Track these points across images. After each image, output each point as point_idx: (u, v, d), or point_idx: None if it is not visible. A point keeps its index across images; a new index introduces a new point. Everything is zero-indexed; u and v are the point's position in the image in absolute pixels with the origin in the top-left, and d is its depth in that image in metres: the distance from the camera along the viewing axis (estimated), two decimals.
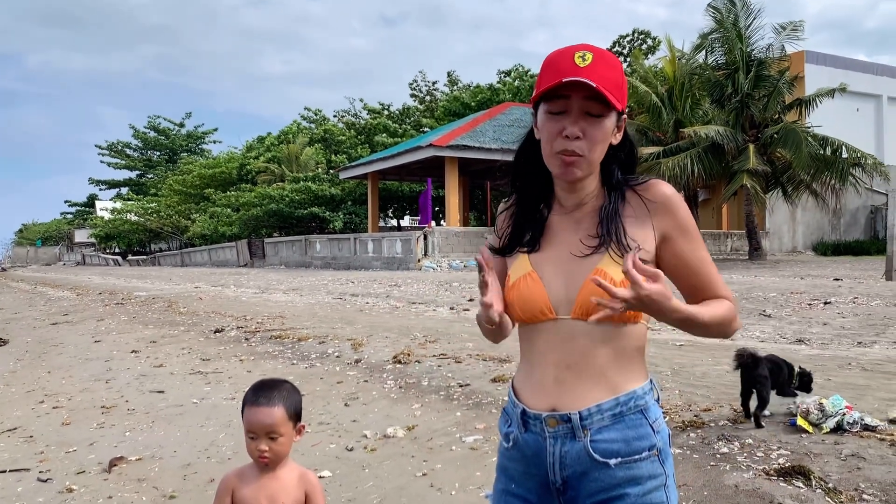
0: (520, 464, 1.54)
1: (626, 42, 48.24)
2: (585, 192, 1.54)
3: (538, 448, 1.49)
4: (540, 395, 1.50)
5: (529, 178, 1.61)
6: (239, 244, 43.02)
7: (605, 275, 1.43)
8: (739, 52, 24.26)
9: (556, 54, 1.47)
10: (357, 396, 6.00)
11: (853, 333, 8.11)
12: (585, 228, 1.52)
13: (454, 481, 3.88)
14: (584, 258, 1.48)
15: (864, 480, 3.49)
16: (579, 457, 1.45)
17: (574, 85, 1.39)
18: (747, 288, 13.04)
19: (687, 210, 1.53)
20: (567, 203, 1.56)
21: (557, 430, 1.46)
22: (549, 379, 1.48)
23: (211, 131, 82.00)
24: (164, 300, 16.53)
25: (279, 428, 1.97)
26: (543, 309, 1.49)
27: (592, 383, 1.46)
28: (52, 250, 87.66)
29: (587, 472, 1.45)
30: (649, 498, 1.44)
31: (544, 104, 1.46)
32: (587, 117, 1.43)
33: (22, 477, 4.29)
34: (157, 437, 5.06)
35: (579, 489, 1.46)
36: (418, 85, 54.73)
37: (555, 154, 1.46)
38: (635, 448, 1.45)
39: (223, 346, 9.08)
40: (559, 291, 1.49)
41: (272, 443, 1.97)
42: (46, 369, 8.12)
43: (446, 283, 17.87)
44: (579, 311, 1.46)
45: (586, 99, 1.42)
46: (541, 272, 1.51)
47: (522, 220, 1.60)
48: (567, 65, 1.41)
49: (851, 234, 36.63)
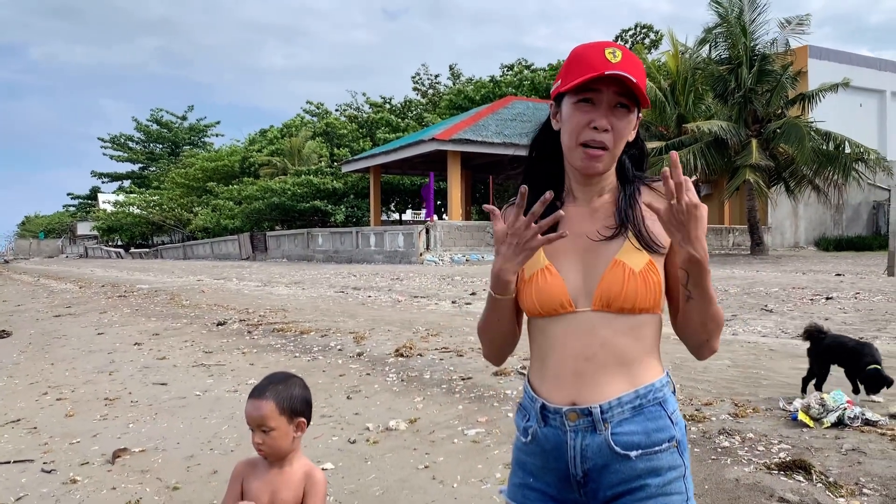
0: (539, 458, 1.53)
1: (628, 36, 48.20)
2: (601, 185, 1.55)
3: (558, 442, 1.49)
4: (559, 388, 1.49)
5: (544, 170, 1.61)
6: (241, 237, 43.04)
7: (622, 265, 1.44)
8: (743, 46, 24.18)
9: (584, 48, 1.48)
10: (359, 389, 6.02)
11: (855, 329, 8.11)
12: (602, 219, 1.53)
13: (456, 474, 3.90)
14: (603, 247, 1.48)
15: (865, 475, 3.51)
16: (600, 450, 1.45)
17: (607, 79, 1.42)
18: (749, 283, 13.04)
19: None
20: (581, 196, 1.56)
21: (578, 424, 1.46)
22: (567, 372, 1.47)
23: (213, 124, 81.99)
24: (166, 293, 16.56)
25: (268, 421, 1.99)
26: (563, 302, 1.48)
27: (612, 376, 1.46)
28: (54, 243, 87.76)
29: (608, 465, 1.45)
30: (669, 488, 1.45)
31: (572, 95, 1.47)
32: (615, 110, 1.45)
33: (26, 468, 4.32)
34: (161, 429, 5.08)
35: (600, 481, 1.46)
36: (421, 78, 54.69)
37: (579, 145, 1.47)
38: (655, 440, 1.46)
39: (226, 339, 9.11)
40: (577, 283, 1.48)
41: (265, 436, 2.00)
42: (50, 361, 8.15)
43: (448, 276, 17.89)
44: (599, 302, 1.45)
45: (617, 94, 1.44)
46: (557, 265, 1.51)
47: None
48: (599, 60, 1.43)
49: (854, 229, 36.58)
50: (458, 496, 3.61)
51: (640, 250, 1.46)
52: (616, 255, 1.46)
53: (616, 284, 1.44)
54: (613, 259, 1.46)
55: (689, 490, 1.49)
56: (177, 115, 79.62)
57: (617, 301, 1.44)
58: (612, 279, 1.44)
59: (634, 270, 1.44)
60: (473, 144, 27.52)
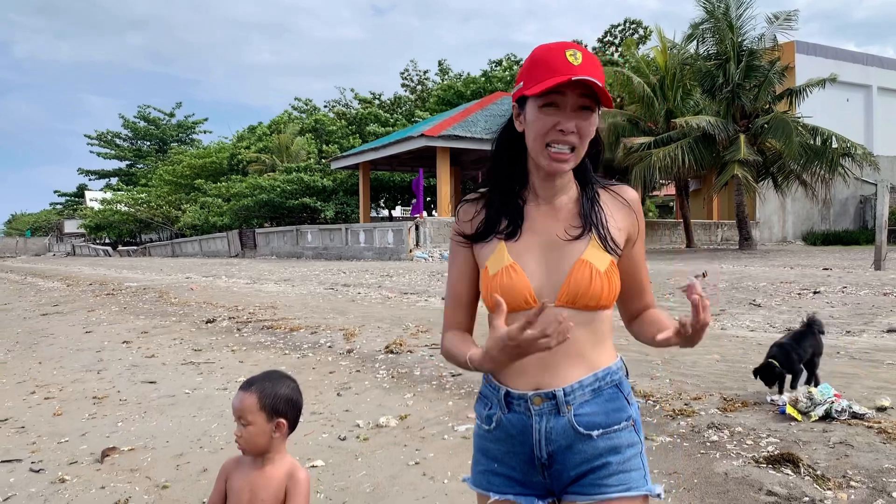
0: (504, 444, 1.60)
1: (617, 32, 48.27)
2: (562, 183, 1.62)
3: (523, 426, 1.56)
4: (523, 376, 1.55)
5: (508, 169, 1.67)
6: (230, 235, 42.86)
7: (588, 265, 1.52)
8: (730, 42, 24.28)
9: (543, 51, 1.51)
10: (349, 386, 6.02)
11: (842, 322, 8.17)
12: (566, 218, 1.60)
13: (446, 470, 3.91)
14: (568, 247, 1.56)
15: (852, 468, 3.53)
16: (564, 431, 1.53)
17: (572, 83, 1.45)
18: (738, 278, 13.10)
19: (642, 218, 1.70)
20: (543, 194, 1.62)
21: (543, 408, 1.54)
22: (531, 361, 1.50)
23: (201, 121, 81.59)
24: (155, 291, 16.47)
25: (247, 415, 1.99)
26: (527, 298, 1.53)
27: (573, 362, 1.54)
28: (41, 241, 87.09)
29: (571, 445, 1.53)
30: (628, 465, 1.55)
31: (536, 99, 1.50)
32: (580, 113, 1.50)
33: (14, 468, 4.29)
34: (150, 428, 5.06)
35: (565, 462, 1.54)
36: (409, 74, 54.60)
37: (545, 147, 1.51)
38: (614, 419, 1.55)
39: (215, 337, 9.08)
40: (542, 280, 1.55)
41: (243, 429, 2.00)
42: (37, 360, 8.09)
43: (438, 273, 17.88)
44: (564, 299, 1.53)
45: (581, 96, 1.48)
46: (522, 262, 1.56)
47: (498, 211, 1.63)
48: (561, 63, 1.46)
49: (841, 223, 36.85)
50: (449, 492, 3.61)
51: (604, 251, 1.55)
52: (582, 255, 1.54)
53: (583, 283, 1.52)
54: (579, 259, 1.54)
55: (646, 465, 1.60)
56: (164, 112, 79.24)
57: (583, 299, 1.52)
58: (580, 278, 1.52)
59: (600, 270, 1.53)
60: (462, 140, 27.54)
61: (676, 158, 23.50)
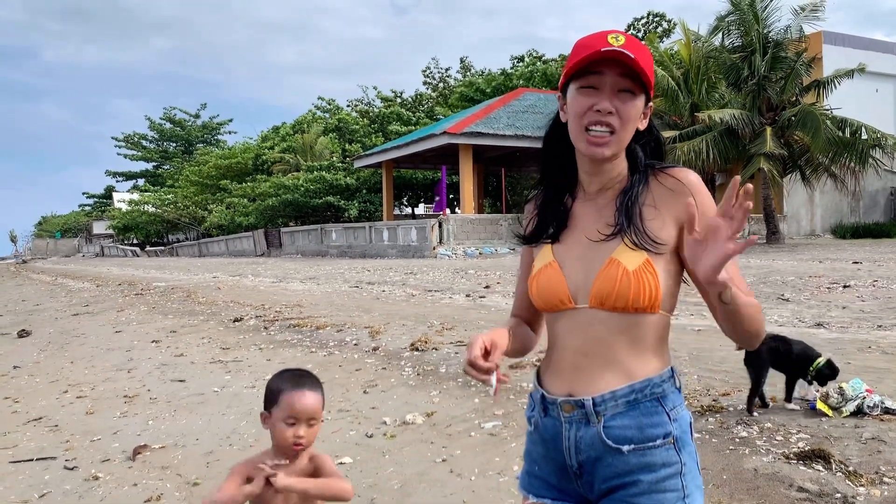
0: (540, 447, 1.56)
1: (640, 25, 47.86)
2: (610, 176, 1.54)
3: (555, 432, 1.51)
4: (558, 380, 1.52)
5: (557, 165, 1.61)
6: (256, 234, 43.24)
7: (616, 264, 1.44)
8: (756, 33, 23.95)
9: (587, 38, 1.47)
10: (376, 384, 6.04)
11: (873, 317, 8.05)
12: (605, 217, 1.52)
13: (473, 467, 3.91)
14: (602, 246, 1.48)
15: (885, 463, 3.48)
16: (593, 442, 1.46)
17: (608, 61, 1.41)
18: (765, 272, 12.95)
19: (710, 198, 1.49)
20: (591, 188, 1.56)
21: (573, 416, 1.48)
22: (566, 365, 1.50)
23: (226, 122, 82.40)
24: (182, 290, 16.67)
25: (319, 413, 1.98)
26: (563, 298, 1.50)
27: (607, 370, 1.46)
28: (70, 242, 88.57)
29: (601, 458, 1.46)
30: (663, 485, 1.43)
31: (576, 82, 1.46)
32: (620, 94, 1.44)
33: (49, 465, 4.37)
34: (180, 426, 5.13)
35: (594, 474, 1.47)
36: (431, 72, 54.62)
37: (584, 130, 1.46)
38: (648, 435, 1.44)
39: (242, 335, 9.16)
40: (578, 281, 1.49)
41: (309, 429, 1.95)
42: (69, 360, 8.24)
43: (462, 270, 17.89)
44: (595, 300, 1.46)
45: (620, 76, 1.43)
46: (562, 262, 1.53)
47: (547, 211, 1.61)
48: (601, 44, 1.41)
49: (871, 216, 36.20)
50: (476, 489, 3.62)
51: (637, 249, 1.44)
52: (612, 254, 1.46)
53: (609, 283, 1.43)
54: (609, 258, 1.46)
55: (691, 488, 1.46)
56: (190, 114, 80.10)
57: (609, 299, 1.44)
58: (606, 278, 1.44)
59: (629, 269, 1.42)
60: (485, 137, 27.45)
61: (701, 152, 23.23)
